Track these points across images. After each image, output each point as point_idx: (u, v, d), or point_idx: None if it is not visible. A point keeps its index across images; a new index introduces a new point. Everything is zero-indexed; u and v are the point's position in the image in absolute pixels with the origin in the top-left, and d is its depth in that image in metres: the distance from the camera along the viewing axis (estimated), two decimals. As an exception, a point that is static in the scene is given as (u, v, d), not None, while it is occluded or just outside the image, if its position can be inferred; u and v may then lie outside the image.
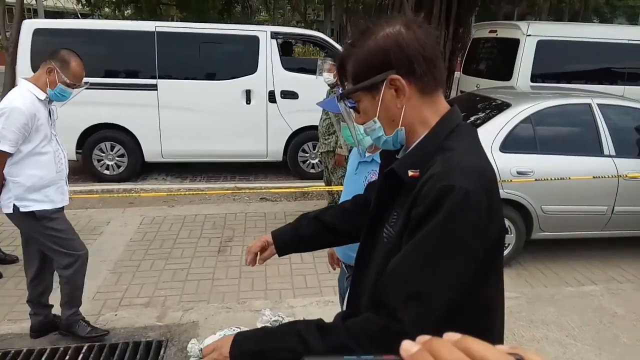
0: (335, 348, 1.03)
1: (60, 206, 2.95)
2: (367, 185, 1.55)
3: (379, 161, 1.36)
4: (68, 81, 2.83)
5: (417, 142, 1.13)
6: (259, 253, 1.54)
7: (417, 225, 1.01)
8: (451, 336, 0.45)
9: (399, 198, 1.12)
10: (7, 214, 2.85)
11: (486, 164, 1.09)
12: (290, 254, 1.59)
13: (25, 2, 10.58)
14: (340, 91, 1.21)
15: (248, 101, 6.51)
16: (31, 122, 2.73)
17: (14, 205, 2.81)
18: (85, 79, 3.00)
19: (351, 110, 1.19)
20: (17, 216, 2.84)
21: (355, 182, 2.14)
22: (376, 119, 1.13)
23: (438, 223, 0.98)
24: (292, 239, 1.53)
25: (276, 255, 1.58)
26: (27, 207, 2.81)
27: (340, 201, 2.26)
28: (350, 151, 3.58)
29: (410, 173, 1.07)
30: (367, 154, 2.15)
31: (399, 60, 1.08)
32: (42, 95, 2.82)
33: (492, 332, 1.15)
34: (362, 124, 1.17)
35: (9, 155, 2.73)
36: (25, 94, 2.79)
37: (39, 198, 2.83)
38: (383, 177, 1.16)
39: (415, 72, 1.08)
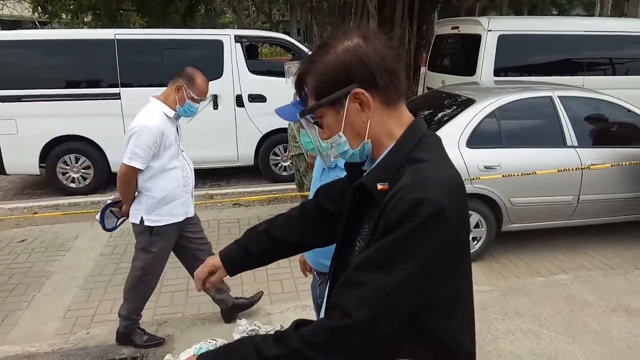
0: (288, 354, 1.02)
1: (182, 219, 3.08)
2: (316, 190, 1.52)
3: (342, 166, 1.35)
4: (195, 97, 2.98)
5: (384, 154, 1.12)
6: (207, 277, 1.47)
7: (382, 234, 1.00)
8: None
9: (369, 211, 1.11)
10: (133, 224, 3.04)
11: (454, 174, 1.09)
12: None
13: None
14: (299, 105, 1.19)
15: (215, 106, 6.43)
16: (159, 140, 2.86)
17: (141, 217, 2.97)
18: (204, 96, 3.08)
19: (314, 125, 1.17)
20: (140, 228, 3.02)
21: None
22: (341, 133, 1.11)
23: (406, 231, 0.97)
24: (241, 258, 1.47)
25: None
26: (150, 221, 2.98)
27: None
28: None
29: (379, 186, 1.06)
30: (332, 159, 2.14)
31: (360, 73, 1.07)
32: (171, 113, 2.98)
33: (451, 322, 1.12)
34: (326, 139, 1.15)
35: (140, 171, 2.89)
36: (155, 112, 2.94)
37: (164, 212, 2.99)
38: (352, 191, 1.15)
39: (378, 85, 1.08)
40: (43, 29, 13.32)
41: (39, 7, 9.66)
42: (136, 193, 2.99)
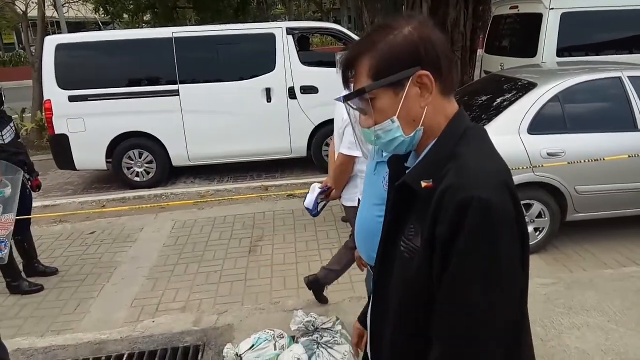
0: None
1: None
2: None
3: None
4: None
5: (427, 149, 1.10)
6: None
7: (446, 249, 0.98)
8: None
9: (414, 209, 1.09)
10: (347, 207, 3.12)
11: (502, 167, 1.05)
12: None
13: (47, 15, 10.82)
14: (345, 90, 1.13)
15: (269, 99, 6.51)
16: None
17: (358, 199, 3.01)
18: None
19: (356, 111, 1.13)
20: (354, 210, 3.10)
21: (374, 182, 2.11)
22: (395, 117, 1.06)
23: (470, 247, 0.95)
24: None
25: (307, 251, 1.57)
26: None
27: (361, 199, 2.23)
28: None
29: (423, 184, 1.04)
30: (384, 154, 2.11)
31: (428, 56, 1.04)
32: None
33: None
34: (372, 125, 1.09)
35: (357, 157, 2.95)
36: None
37: None
38: (394, 190, 1.13)
39: (442, 71, 1.06)
40: (106, 29, 13.97)
41: (101, 8, 10.13)
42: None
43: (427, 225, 1.01)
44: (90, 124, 6.28)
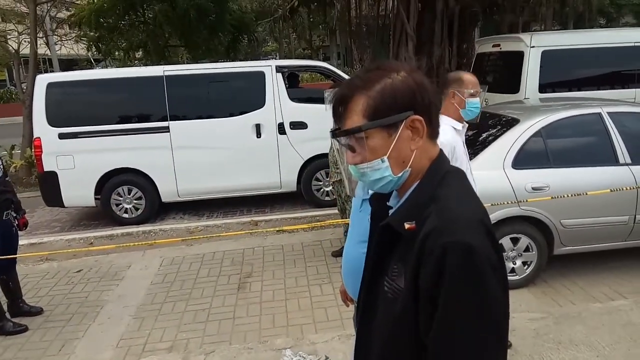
0: None
1: None
2: None
3: None
4: (471, 91, 2.84)
5: (410, 192, 1.14)
6: None
7: (432, 294, 1.00)
8: None
9: (396, 250, 1.11)
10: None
11: (481, 210, 1.09)
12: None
13: (39, 52, 10.96)
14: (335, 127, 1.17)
15: (258, 135, 6.59)
16: (451, 154, 2.81)
17: None
18: (478, 87, 2.89)
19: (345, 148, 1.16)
20: None
21: (360, 220, 2.13)
22: (385, 157, 1.10)
23: (455, 292, 0.97)
24: None
25: (296, 288, 1.57)
26: None
27: (347, 236, 2.25)
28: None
29: (406, 226, 1.07)
30: (369, 192, 2.15)
31: (422, 101, 1.09)
32: (459, 126, 2.89)
33: None
34: (360, 163, 1.13)
35: None
36: (445, 129, 2.88)
37: None
38: (379, 231, 1.16)
39: (432, 117, 1.12)
40: (98, 67, 14.13)
41: (93, 47, 10.30)
42: None
43: (411, 267, 1.04)
44: (79, 161, 6.29)
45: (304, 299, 4.28)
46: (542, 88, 6.66)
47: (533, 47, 6.69)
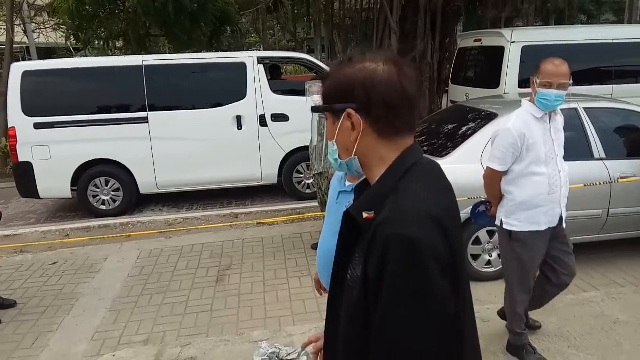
0: None
1: (544, 228, 2.90)
2: None
3: None
4: (543, 81, 2.74)
5: (375, 182, 1.14)
6: None
7: (376, 284, 1.01)
8: None
9: (360, 239, 1.11)
10: (496, 226, 3.06)
11: (440, 204, 1.07)
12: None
13: (17, 41, 10.69)
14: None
15: (239, 127, 6.54)
16: (520, 142, 2.78)
17: (501, 220, 2.97)
18: (554, 78, 2.71)
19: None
20: (500, 232, 3.03)
21: (336, 211, 2.13)
22: (334, 141, 1.17)
23: (391, 282, 0.98)
24: None
25: (275, 280, 1.56)
26: (509, 225, 2.93)
27: (323, 227, 2.25)
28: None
29: (364, 215, 1.07)
30: (347, 184, 2.14)
31: (360, 98, 1.09)
32: (539, 113, 2.81)
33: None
34: (330, 140, 1.21)
35: (502, 173, 2.89)
36: (521, 114, 2.87)
37: (523, 218, 2.88)
38: (343, 219, 1.16)
39: (371, 115, 1.10)
40: (77, 56, 13.86)
41: (72, 36, 10.08)
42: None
43: (364, 256, 1.05)
44: (56, 151, 6.17)
45: (282, 292, 4.28)
46: (522, 83, 6.71)
47: (514, 42, 6.75)
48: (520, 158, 2.83)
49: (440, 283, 0.99)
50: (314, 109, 1.31)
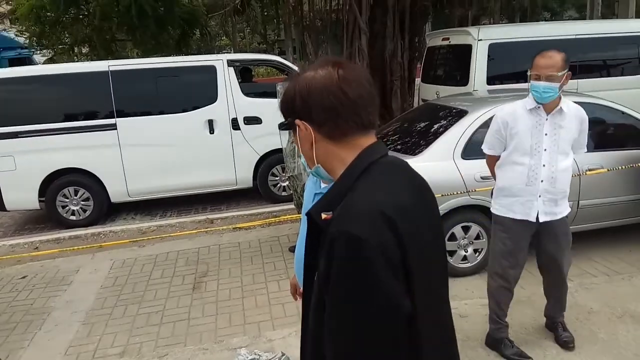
0: None
1: (519, 218, 2.97)
2: None
3: None
4: (533, 73, 2.84)
5: (333, 183, 1.16)
6: None
7: (326, 281, 1.02)
8: None
9: (322, 239, 1.12)
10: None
11: (389, 201, 1.04)
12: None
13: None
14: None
15: (211, 131, 6.46)
16: (503, 130, 2.94)
17: (490, 202, 3.15)
18: (542, 70, 2.79)
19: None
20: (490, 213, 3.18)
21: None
22: (300, 152, 1.22)
23: (335, 280, 1.00)
24: None
25: (253, 285, 1.58)
26: (493, 207, 3.13)
27: (300, 230, 2.23)
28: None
29: (323, 216, 1.08)
30: (322, 185, 2.13)
31: (300, 107, 1.14)
32: (531, 105, 2.88)
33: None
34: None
35: (495, 157, 3.06)
36: (514, 105, 2.99)
37: (503, 203, 3.03)
38: (307, 220, 1.16)
39: (314, 121, 1.13)
40: (39, 64, 13.47)
41: (35, 43, 9.80)
42: None
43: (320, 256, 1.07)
44: (21, 161, 5.98)
45: (261, 296, 4.23)
46: (490, 80, 6.83)
47: (480, 40, 6.85)
48: (506, 145, 2.96)
49: (388, 281, 0.98)
50: (280, 126, 1.28)
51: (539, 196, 2.91)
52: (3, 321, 4.11)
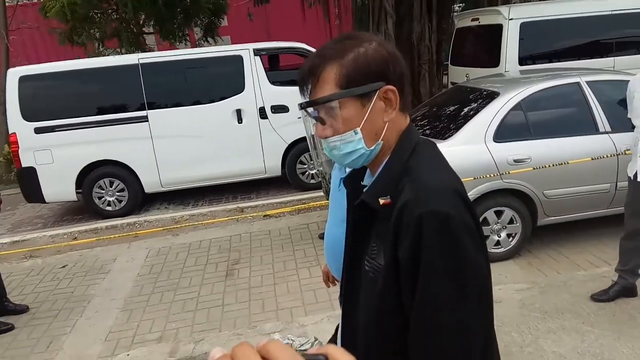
0: None
1: None
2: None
3: None
4: None
5: (382, 167, 1.11)
6: None
7: (411, 266, 0.98)
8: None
9: (374, 228, 1.09)
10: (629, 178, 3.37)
11: (454, 178, 1.08)
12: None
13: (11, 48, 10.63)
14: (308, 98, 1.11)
15: (240, 120, 6.51)
16: (629, 100, 3.46)
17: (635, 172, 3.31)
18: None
19: (313, 120, 1.12)
20: (633, 183, 3.33)
21: (340, 199, 2.10)
22: (359, 129, 1.06)
23: (434, 262, 0.97)
24: None
25: (285, 272, 1.56)
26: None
27: (328, 216, 2.23)
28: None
29: (381, 201, 1.05)
30: (347, 170, 2.12)
31: (395, 73, 1.07)
32: None
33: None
34: (331, 135, 1.08)
35: None
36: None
37: None
38: (353, 210, 1.14)
39: (404, 89, 1.09)
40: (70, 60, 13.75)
41: (66, 39, 10.02)
42: None
43: (390, 243, 1.02)
44: (58, 155, 6.17)
45: (292, 283, 4.28)
46: (522, 60, 6.65)
47: (511, 19, 6.66)
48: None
49: (477, 256, 0.99)
50: (334, 97, 1.05)
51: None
52: (46, 309, 4.28)
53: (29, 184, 6.26)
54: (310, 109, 1.09)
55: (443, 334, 0.98)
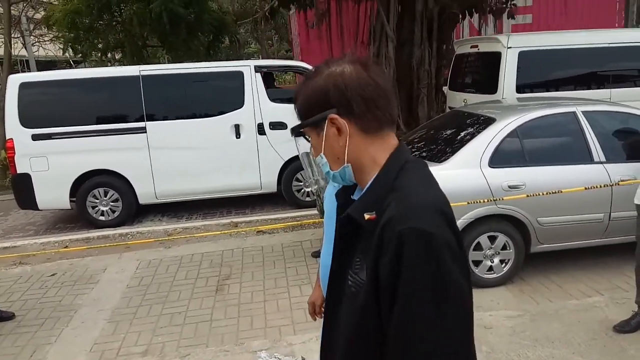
0: None
1: None
2: None
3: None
4: None
5: (370, 183, 1.13)
6: None
7: (391, 282, 0.99)
8: None
9: (359, 243, 1.10)
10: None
11: (441, 198, 1.09)
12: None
13: (16, 54, 10.73)
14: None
15: (238, 135, 6.53)
16: None
17: None
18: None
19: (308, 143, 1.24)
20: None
21: (334, 224, 2.10)
22: (322, 154, 1.15)
23: (411, 278, 0.97)
24: None
25: (275, 289, 1.57)
26: None
27: (324, 238, 2.21)
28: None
29: (366, 216, 1.06)
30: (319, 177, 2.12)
31: (337, 100, 1.10)
32: None
33: None
34: (315, 157, 1.20)
35: None
36: None
37: None
38: (340, 223, 1.14)
39: (354, 112, 1.10)
40: (77, 68, 13.90)
41: (70, 48, 10.12)
42: None
43: (372, 258, 1.03)
44: (54, 162, 6.16)
45: (283, 300, 4.24)
46: (520, 88, 6.73)
47: (510, 47, 6.76)
48: None
49: (458, 275, 1.00)
50: (294, 130, 1.20)
51: None
52: (32, 317, 4.22)
53: (23, 190, 6.24)
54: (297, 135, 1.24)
55: (420, 351, 0.98)
